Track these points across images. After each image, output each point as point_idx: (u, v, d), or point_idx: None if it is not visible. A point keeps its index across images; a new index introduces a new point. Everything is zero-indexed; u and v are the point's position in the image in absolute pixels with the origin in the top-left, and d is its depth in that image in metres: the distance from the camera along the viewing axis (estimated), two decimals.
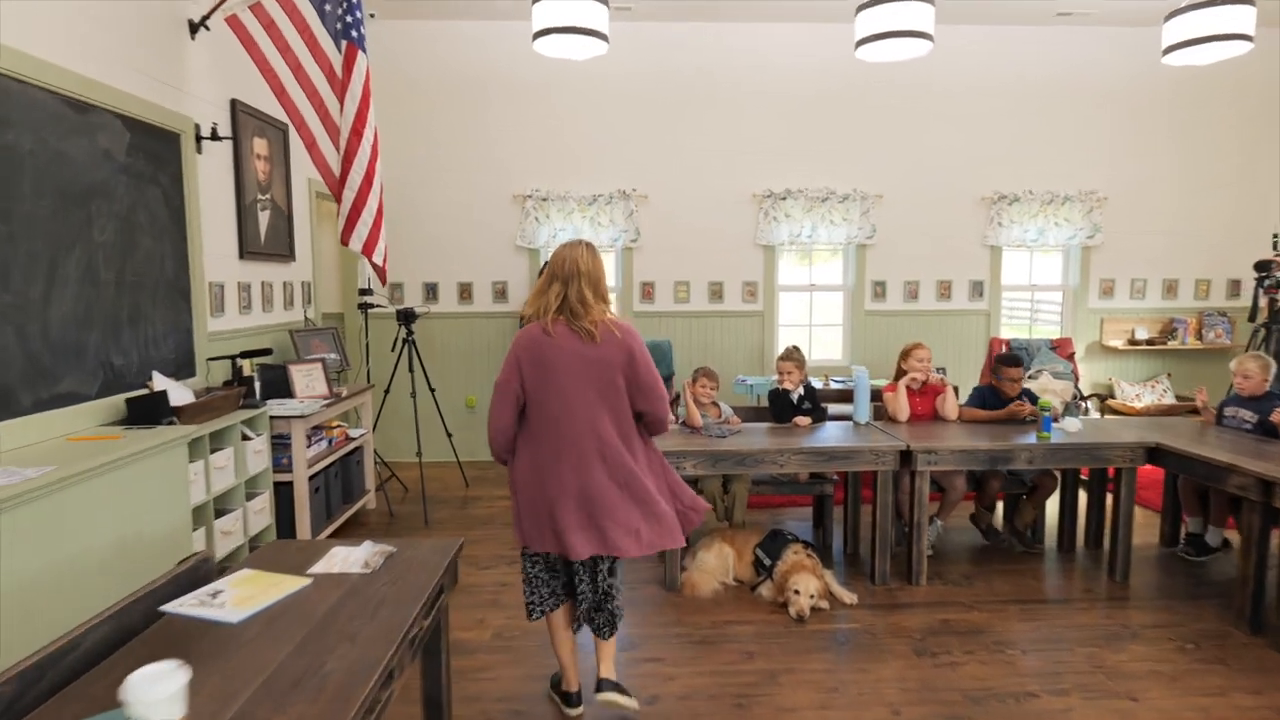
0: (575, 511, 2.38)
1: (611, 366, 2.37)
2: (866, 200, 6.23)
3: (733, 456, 3.59)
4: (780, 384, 4.22)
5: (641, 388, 2.41)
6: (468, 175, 6.16)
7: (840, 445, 3.63)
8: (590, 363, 2.36)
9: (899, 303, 6.42)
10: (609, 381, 2.37)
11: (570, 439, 2.37)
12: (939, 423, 4.16)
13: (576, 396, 2.36)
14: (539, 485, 2.41)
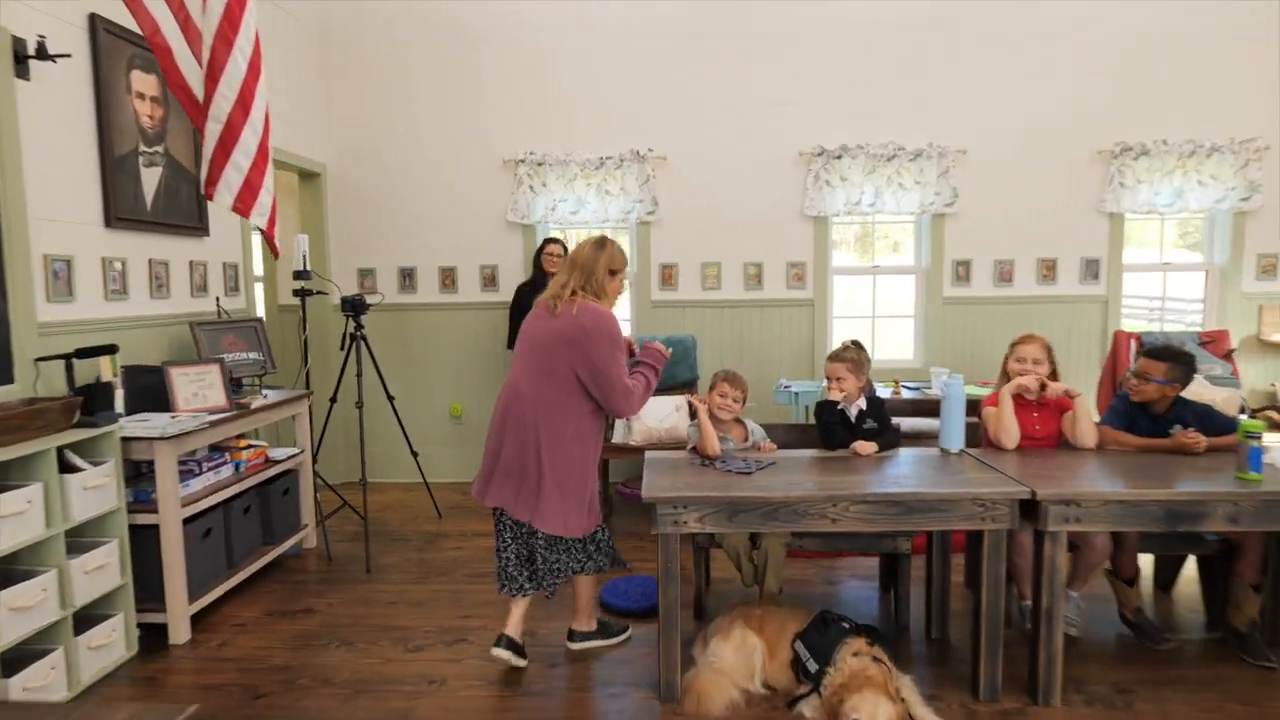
0: (487, 460, 2.69)
1: (559, 337, 2.56)
2: (945, 157, 4.91)
3: (759, 505, 2.38)
4: (829, 392, 3.00)
5: (590, 369, 2.54)
6: (448, 139, 5.08)
7: (926, 492, 2.38)
8: (541, 333, 2.61)
9: (988, 287, 5.08)
10: (549, 349, 2.57)
11: (503, 394, 2.67)
12: (1068, 451, 2.87)
13: (520, 359, 2.67)
14: None
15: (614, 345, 2.54)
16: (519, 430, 2.57)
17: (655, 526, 2.41)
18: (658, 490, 2.41)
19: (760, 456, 2.85)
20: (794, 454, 2.91)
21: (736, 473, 2.61)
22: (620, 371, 2.54)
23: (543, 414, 2.54)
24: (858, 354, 3.01)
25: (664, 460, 2.82)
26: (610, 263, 2.64)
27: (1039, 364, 2.95)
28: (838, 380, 2.97)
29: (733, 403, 2.98)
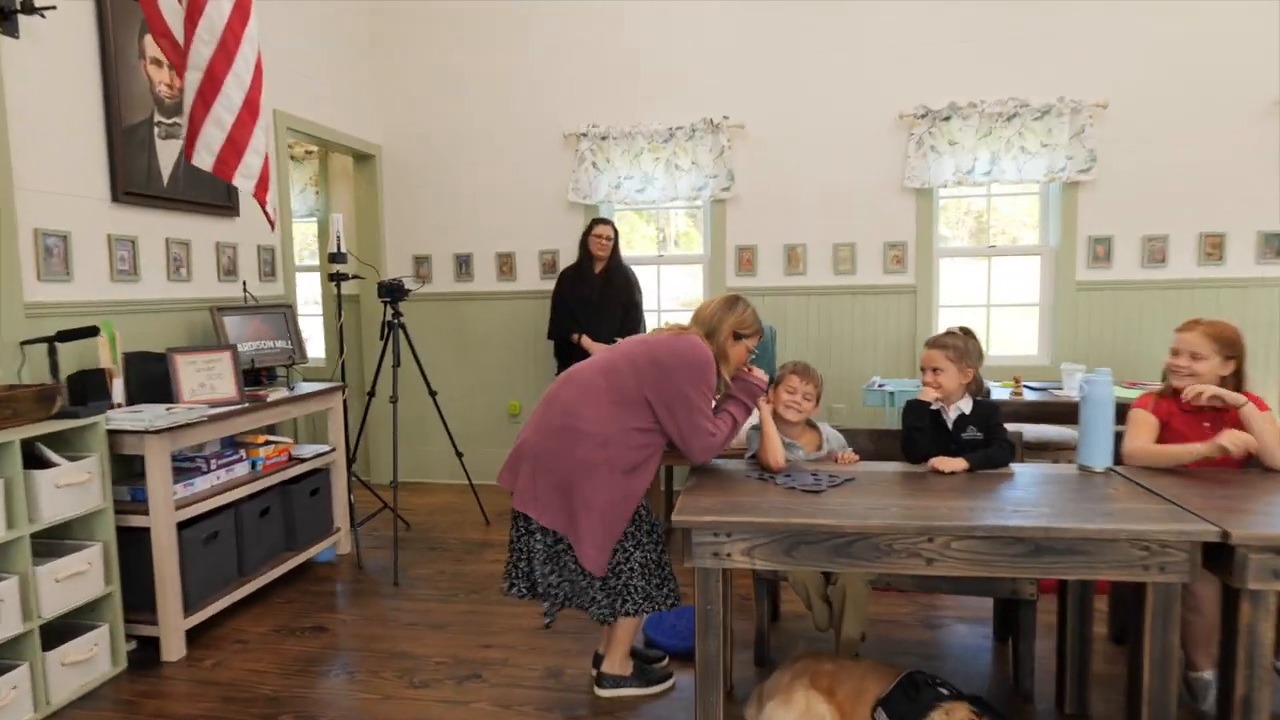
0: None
1: (646, 351, 2.24)
2: (1080, 113, 4.10)
3: (826, 536, 1.80)
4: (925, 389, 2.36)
5: (667, 400, 2.18)
6: (505, 114, 4.69)
7: (1063, 527, 1.72)
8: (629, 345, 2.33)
9: (1133, 268, 4.22)
10: (630, 359, 2.24)
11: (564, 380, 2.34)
12: (1262, 474, 2.12)
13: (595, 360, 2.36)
14: None
15: (702, 381, 2.20)
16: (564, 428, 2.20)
17: (689, 558, 1.87)
18: (694, 511, 1.87)
19: (837, 470, 2.25)
20: (881, 468, 2.29)
21: (802, 490, 2.03)
22: (705, 406, 2.20)
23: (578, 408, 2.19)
24: (964, 342, 2.36)
25: (713, 471, 2.28)
26: (739, 325, 2.31)
27: (1198, 359, 2.23)
28: (934, 372, 2.33)
29: (803, 400, 2.39)
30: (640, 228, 4.95)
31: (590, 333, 4.11)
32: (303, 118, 4.05)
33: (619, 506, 2.16)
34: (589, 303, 4.14)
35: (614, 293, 4.15)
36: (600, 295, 4.14)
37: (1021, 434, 2.62)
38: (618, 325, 4.15)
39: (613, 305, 4.13)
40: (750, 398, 2.33)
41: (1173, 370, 2.28)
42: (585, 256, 4.18)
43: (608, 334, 4.12)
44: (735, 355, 2.32)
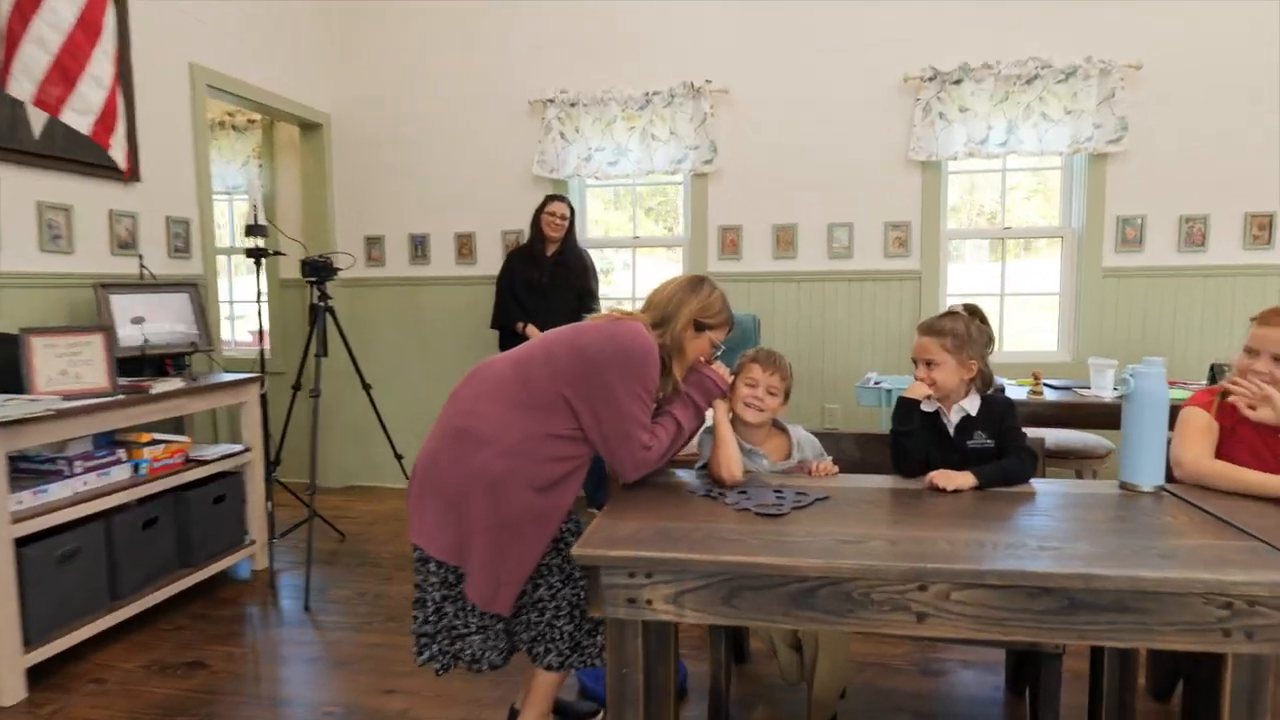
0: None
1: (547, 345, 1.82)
2: (1109, 76, 3.59)
3: (778, 580, 1.31)
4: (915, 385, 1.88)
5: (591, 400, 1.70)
6: (464, 80, 4.22)
7: (1108, 574, 1.23)
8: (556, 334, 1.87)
9: (1168, 252, 3.71)
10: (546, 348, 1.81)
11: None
12: None
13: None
14: None
15: (637, 377, 1.70)
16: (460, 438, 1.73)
17: (598, 603, 1.39)
18: (604, 541, 1.40)
19: (808, 485, 1.76)
20: (867, 483, 1.80)
21: (758, 513, 1.55)
22: (639, 410, 1.71)
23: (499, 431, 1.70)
24: (966, 326, 1.87)
25: (650, 485, 1.80)
26: (702, 312, 1.83)
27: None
28: (927, 365, 1.85)
29: (766, 396, 1.90)
30: (615, 207, 4.48)
31: (537, 322, 3.65)
32: (230, 76, 3.59)
33: (528, 531, 1.67)
34: (538, 288, 3.67)
35: (567, 278, 3.68)
36: (551, 280, 3.67)
37: (1044, 441, 2.12)
38: (570, 314, 3.67)
39: (564, 292, 3.66)
40: (705, 398, 1.84)
41: (1244, 376, 1.77)
42: (537, 237, 3.72)
43: (557, 322, 3.62)
44: (695, 350, 1.83)
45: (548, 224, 3.67)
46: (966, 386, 1.85)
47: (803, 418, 4.02)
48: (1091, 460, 3.15)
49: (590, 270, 3.78)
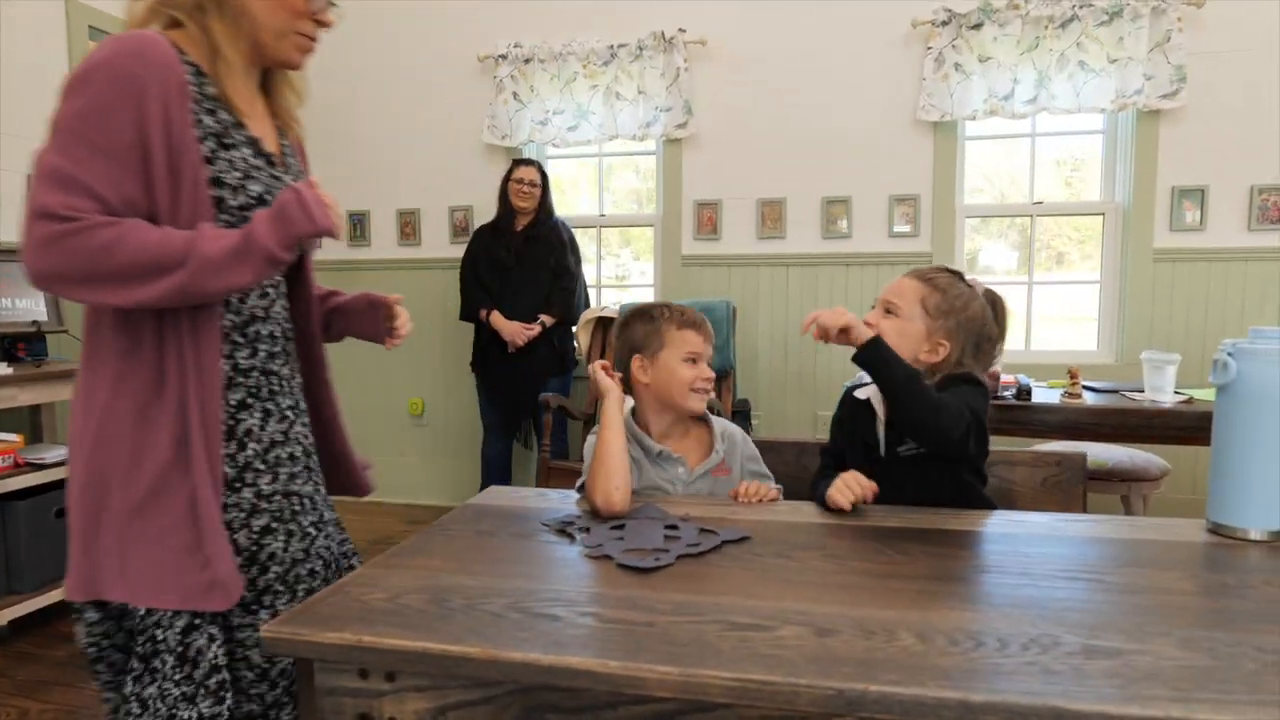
0: None
1: None
2: (1164, 15, 2.96)
3: (609, 698, 0.73)
4: None
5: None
6: (404, 34, 3.70)
7: None
8: None
9: (1236, 232, 3.05)
10: None
11: None
12: None
13: None
14: None
15: (75, 96, 0.91)
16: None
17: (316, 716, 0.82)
18: (322, 619, 0.82)
19: (733, 515, 1.17)
20: (819, 515, 1.21)
21: (624, 566, 0.97)
22: (62, 157, 0.90)
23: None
24: (968, 297, 1.29)
25: (470, 516, 1.22)
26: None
27: None
28: (885, 310, 1.32)
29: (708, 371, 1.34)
30: (582, 180, 3.92)
31: (503, 306, 3.10)
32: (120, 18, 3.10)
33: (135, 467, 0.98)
34: (503, 268, 3.12)
35: (537, 254, 3.13)
36: (518, 258, 3.12)
37: (1084, 457, 1.51)
38: (542, 297, 3.13)
39: (536, 271, 3.11)
40: (276, 232, 0.96)
41: None
42: (505, 210, 3.18)
43: (527, 308, 3.11)
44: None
45: (515, 192, 3.13)
46: (926, 373, 1.26)
47: (791, 428, 3.42)
48: (1143, 484, 2.51)
49: (568, 245, 3.23)
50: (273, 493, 1.08)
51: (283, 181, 1.09)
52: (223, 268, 0.94)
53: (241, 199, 1.02)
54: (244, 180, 1.02)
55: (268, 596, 1.06)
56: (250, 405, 1.07)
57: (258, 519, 1.06)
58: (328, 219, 0.99)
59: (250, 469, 1.06)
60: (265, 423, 1.09)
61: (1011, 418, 2.15)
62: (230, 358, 1.05)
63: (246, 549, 1.04)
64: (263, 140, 1.08)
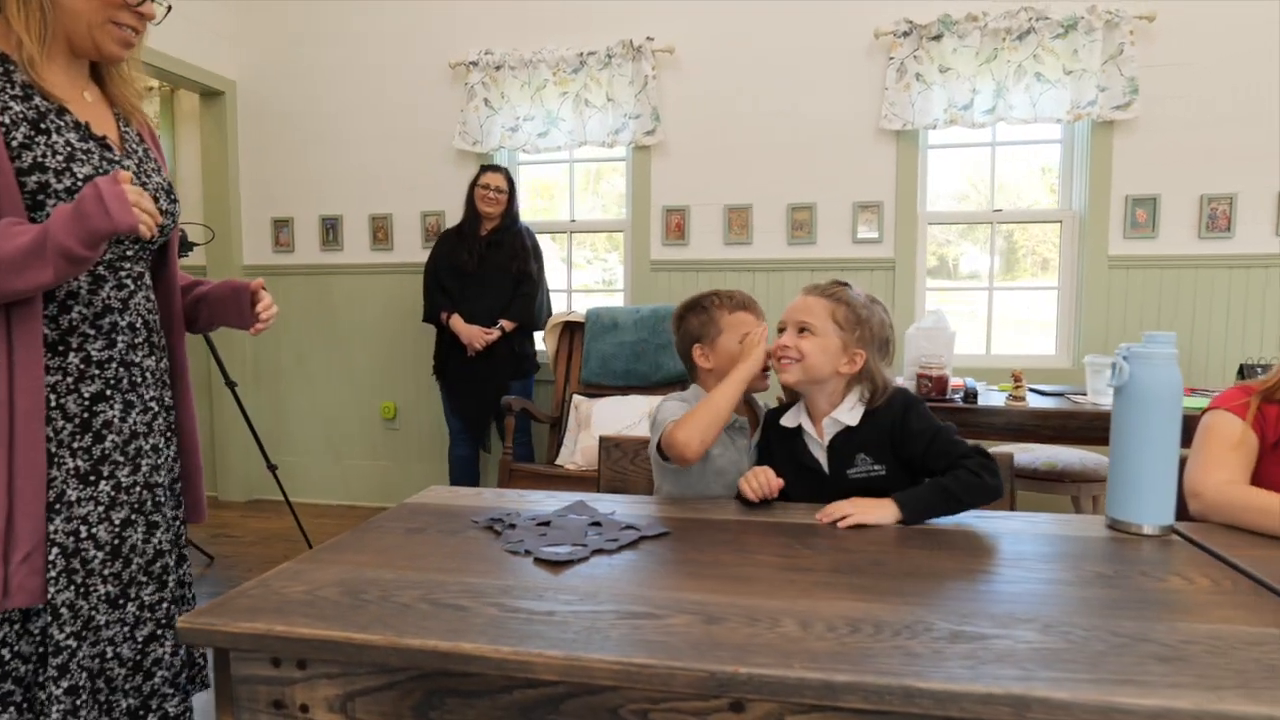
0: None
1: None
2: (1118, 29, 3.04)
3: (504, 683, 0.77)
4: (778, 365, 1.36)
5: None
6: (379, 43, 3.74)
7: (1054, 703, 0.68)
8: None
9: (1187, 240, 3.13)
10: None
11: None
12: None
13: None
14: None
15: None
16: None
17: (227, 707, 0.85)
18: (242, 610, 0.86)
19: (678, 512, 1.22)
20: (756, 512, 1.25)
21: (540, 559, 1.01)
22: None
23: None
24: (866, 303, 1.36)
25: (407, 515, 1.26)
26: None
27: None
28: (799, 330, 1.33)
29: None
30: (554, 186, 3.96)
31: (464, 310, 3.14)
32: None
33: None
34: (464, 272, 3.16)
35: (500, 259, 3.17)
36: (480, 263, 3.16)
37: (1012, 458, 1.56)
38: (504, 302, 3.16)
39: (498, 276, 3.15)
40: (73, 230, 0.95)
41: None
42: (471, 215, 3.22)
43: (488, 313, 3.14)
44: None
45: (481, 198, 3.17)
46: (844, 388, 1.32)
47: None
48: (1093, 484, 2.57)
49: (532, 250, 3.26)
50: (132, 484, 1.09)
51: (120, 165, 1.09)
52: (22, 267, 0.93)
53: (67, 182, 1.02)
54: (68, 163, 1.02)
55: (133, 589, 1.09)
56: (110, 397, 1.07)
57: (117, 512, 1.07)
58: (128, 215, 0.95)
59: (108, 461, 1.06)
60: (127, 414, 1.09)
61: (958, 420, 2.19)
62: (81, 350, 1.05)
63: (108, 543, 1.06)
64: (93, 124, 1.08)
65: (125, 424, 1.10)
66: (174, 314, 1.25)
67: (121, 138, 1.15)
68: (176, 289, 1.26)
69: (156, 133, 1.27)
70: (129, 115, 1.19)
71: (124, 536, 1.07)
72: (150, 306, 1.17)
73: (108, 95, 1.16)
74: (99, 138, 1.09)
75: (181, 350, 1.27)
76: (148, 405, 1.14)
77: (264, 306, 1.27)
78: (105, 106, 1.15)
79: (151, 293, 1.19)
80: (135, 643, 1.12)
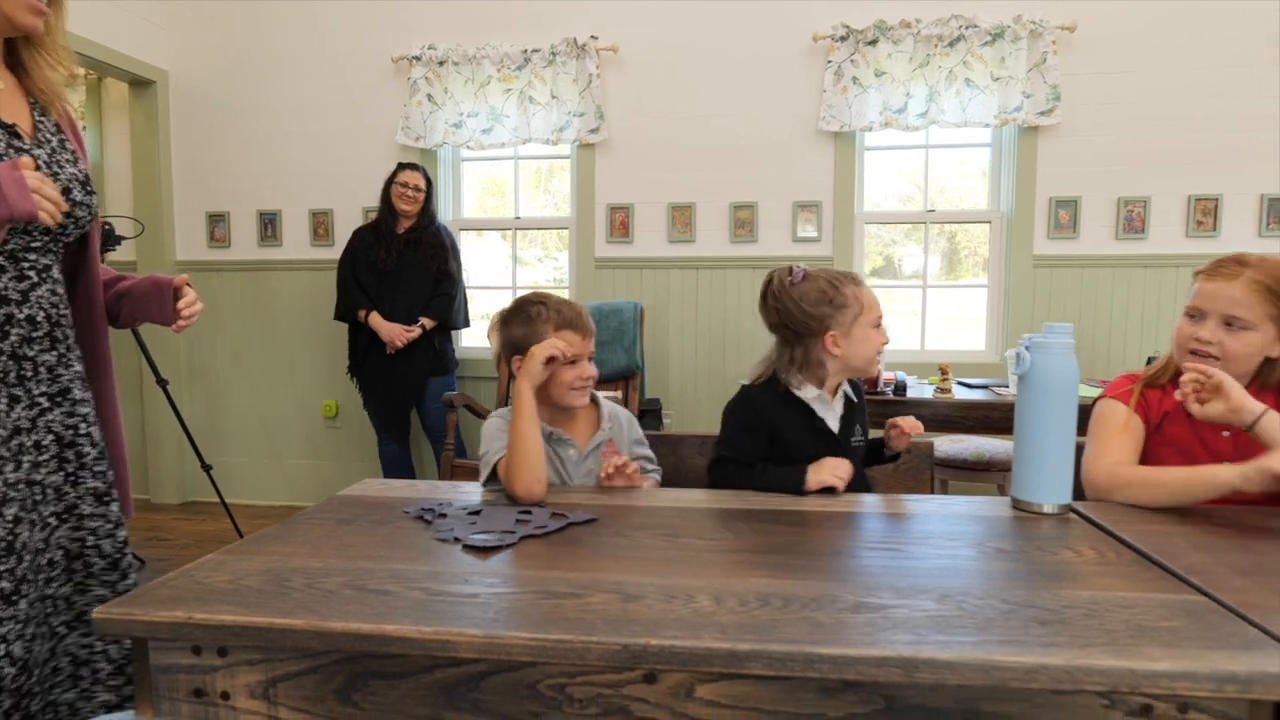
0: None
1: None
2: (1041, 38, 3.18)
3: (427, 663, 0.79)
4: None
5: None
6: (320, 35, 3.68)
7: (944, 662, 0.73)
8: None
9: (1105, 240, 3.29)
10: None
11: None
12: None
13: None
14: None
15: None
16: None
17: (147, 697, 0.85)
18: (162, 599, 0.86)
19: (592, 500, 1.25)
20: (680, 498, 1.29)
21: (469, 546, 1.03)
22: None
23: None
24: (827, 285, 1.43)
25: (337, 506, 1.26)
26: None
27: (1238, 328, 1.27)
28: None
29: (589, 368, 1.41)
30: (505, 184, 3.95)
31: (382, 308, 3.11)
32: None
33: None
34: (383, 270, 3.14)
35: (420, 258, 3.15)
36: (400, 261, 3.14)
37: (932, 446, 1.64)
38: (424, 301, 3.15)
39: (416, 274, 3.14)
40: None
41: (1188, 345, 1.30)
42: (388, 212, 3.19)
43: (407, 311, 3.12)
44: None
45: (398, 195, 3.15)
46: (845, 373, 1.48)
47: (702, 425, 3.52)
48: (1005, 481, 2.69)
49: (450, 249, 3.25)
50: (17, 480, 1.08)
51: (29, 154, 1.07)
52: None
53: None
54: None
55: (25, 585, 1.08)
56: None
57: (8, 508, 1.06)
58: (26, 202, 0.95)
59: None
60: (11, 408, 1.08)
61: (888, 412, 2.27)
62: None
63: (3, 539, 1.05)
64: (2, 112, 1.07)
65: (9, 418, 1.07)
66: (95, 310, 1.22)
67: (35, 127, 1.13)
68: (98, 284, 1.23)
69: (80, 123, 1.25)
70: (48, 105, 1.16)
71: (16, 533, 1.05)
72: (56, 300, 1.15)
73: (25, 84, 1.14)
74: (8, 126, 1.07)
75: (105, 347, 1.25)
76: (35, 401, 1.12)
77: (187, 303, 1.25)
78: (20, 95, 1.13)
79: (60, 287, 1.16)
80: (26, 640, 1.10)
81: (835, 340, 1.41)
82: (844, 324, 1.40)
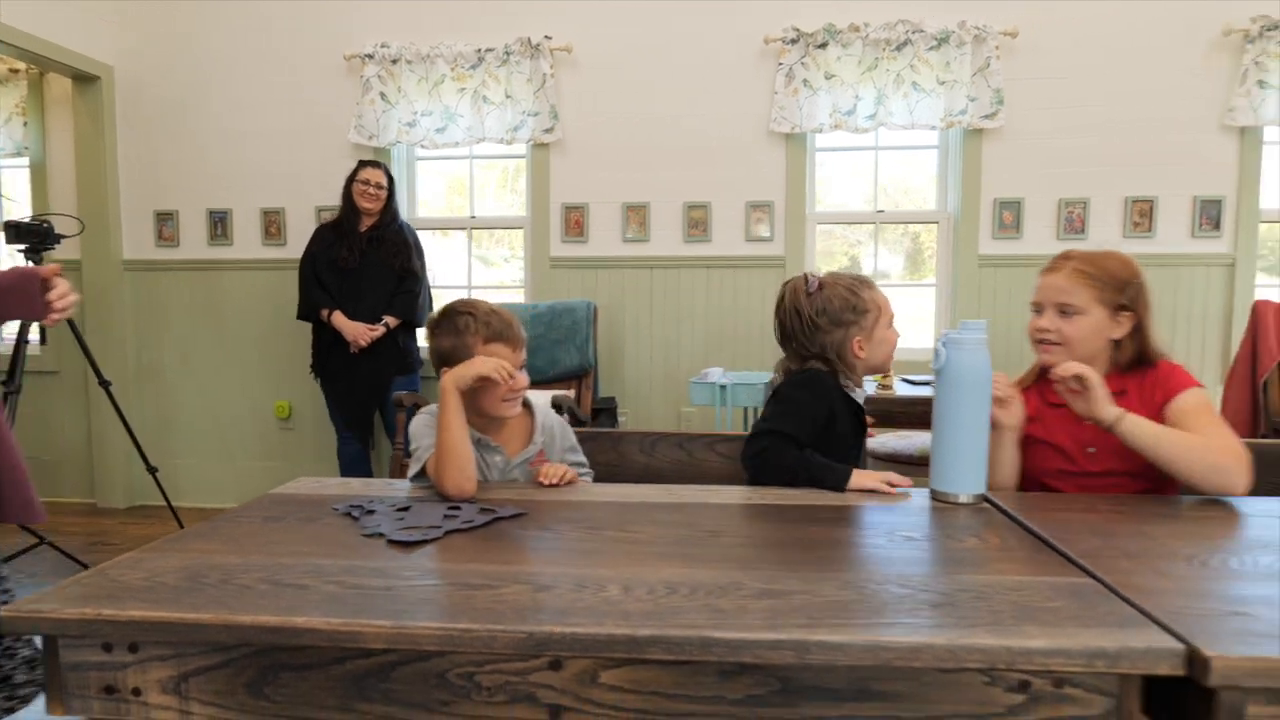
0: None
1: None
2: (985, 43, 3.27)
3: (337, 653, 0.80)
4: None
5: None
6: (271, 31, 3.63)
7: (834, 644, 0.76)
8: None
9: (1047, 240, 3.39)
10: None
11: None
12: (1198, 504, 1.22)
13: None
14: None
15: None
16: None
17: (59, 696, 0.85)
18: (71, 597, 0.86)
19: (524, 496, 1.26)
20: (611, 493, 1.31)
21: (393, 540, 1.04)
22: None
23: None
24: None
25: (269, 503, 1.27)
26: None
27: (1071, 314, 1.38)
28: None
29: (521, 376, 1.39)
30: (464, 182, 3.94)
31: (345, 307, 3.09)
32: None
33: None
34: (346, 269, 3.11)
35: (383, 256, 3.13)
36: (363, 260, 3.12)
37: (866, 445, 1.68)
38: (386, 299, 3.14)
39: (379, 272, 3.12)
40: None
41: (1034, 336, 1.44)
42: (350, 211, 3.17)
43: (371, 310, 3.10)
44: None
45: (360, 194, 3.12)
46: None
47: (657, 423, 3.55)
48: None
49: (414, 247, 3.23)
50: None
51: None
52: None
53: None
54: None
55: None
56: None
57: None
58: None
59: None
60: None
61: None
62: None
63: None
64: None
65: None
66: None
67: None
68: None
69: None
70: None
71: None
72: None
73: None
74: None
75: None
76: None
77: (58, 295, 1.20)
78: None
79: None
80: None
81: (861, 345, 1.47)
82: (867, 328, 1.46)
